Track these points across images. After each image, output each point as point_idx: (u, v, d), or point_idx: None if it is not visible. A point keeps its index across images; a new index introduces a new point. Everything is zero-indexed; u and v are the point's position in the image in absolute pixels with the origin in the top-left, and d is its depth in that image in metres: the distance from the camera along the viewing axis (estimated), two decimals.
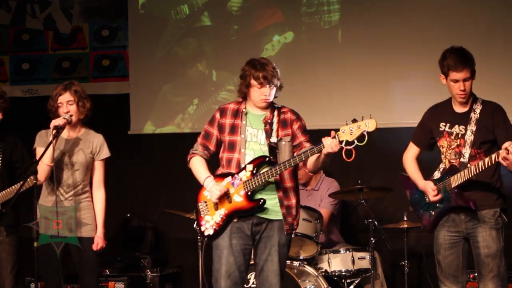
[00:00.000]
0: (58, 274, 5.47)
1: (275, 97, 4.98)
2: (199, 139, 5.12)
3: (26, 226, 5.44)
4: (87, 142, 5.56)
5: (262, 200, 4.86)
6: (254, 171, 4.85)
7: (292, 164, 4.79)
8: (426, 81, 7.02)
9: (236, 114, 5.01)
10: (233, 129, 4.99)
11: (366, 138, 4.55)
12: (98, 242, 5.51)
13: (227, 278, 4.86)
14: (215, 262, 4.93)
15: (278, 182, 4.89)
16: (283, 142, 4.89)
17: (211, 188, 4.94)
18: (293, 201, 4.94)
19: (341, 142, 4.60)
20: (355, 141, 4.57)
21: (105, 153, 5.61)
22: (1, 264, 5.99)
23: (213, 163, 5.12)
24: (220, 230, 4.95)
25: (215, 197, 4.91)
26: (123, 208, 7.79)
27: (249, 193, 4.87)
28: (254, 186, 4.85)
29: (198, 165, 5.09)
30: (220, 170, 5.02)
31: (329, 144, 4.63)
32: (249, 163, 4.89)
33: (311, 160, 4.84)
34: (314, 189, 7.01)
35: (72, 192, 5.51)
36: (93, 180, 5.60)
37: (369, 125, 4.56)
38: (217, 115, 5.05)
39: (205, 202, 5.02)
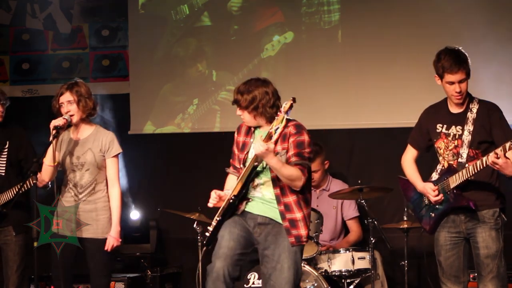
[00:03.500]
0: (66, 273, 5.47)
1: (269, 115, 4.88)
2: (230, 159, 5.16)
3: (28, 226, 5.44)
4: (96, 141, 5.54)
5: (232, 199, 4.87)
6: None
7: (248, 170, 4.81)
8: (426, 81, 7.00)
9: (248, 131, 5.04)
10: (243, 147, 5.02)
11: (285, 118, 4.65)
12: (110, 242, 5.49)
13: (224, 259, 4.81)
14: (215, 248, 4.92)
15: (278, 197, 4.87)
16: (279, 156, 4.83)
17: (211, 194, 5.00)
18: (298, 214, 4.85)
19: (273, 128, 4.67)
20: (280, 125, 4.65)
21: (116, 149, 5.58)
22: (7, 264, 6.00)
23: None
24: (212, 235, 4.93)
25: (210, 203, 4.95)
26: (124, 208, 7.78)
27: (233, 196, 4.90)
28: (233, 189, 4.90)
29: (226, 183, 5.15)
30: None
31: (254, 148, 4.70)
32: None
33: None
34: (325, 189, 7.05)
35: (85, 192, 5.51)
36: (107, 178, 5.58)
37: (285, 106, 4.66)
38: (235, 134, 5.11)
39: None
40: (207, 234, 4.96)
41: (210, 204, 4.96)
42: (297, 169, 4.77)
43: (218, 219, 4.91)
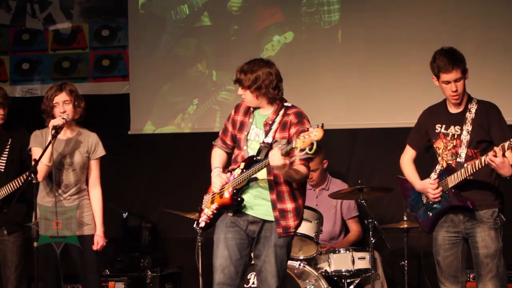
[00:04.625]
0: (57, 274, 5.49)
1: (271, 96, 4.91)
2: (220, 132, 5.17)
3: (27, 226, 5.45)
4: (82, 142, 5.59)
5: (239, 199, 4.87)
6: (244, 170, 4.87)
7: (258, 170, 4.78)
8: (426, 81, 6.98)
9: (247, 111, 5.03)
10: (241, 126, 5.01)
11: (315, 146, 4.50)
12: (98, 241, 5.55)
13: (221, 272, 4.87)
14: (213, 257, 4.96)
15: (271, 185, 4.88)
16: (279, 145, 4.84)
17: (213, 179, 4.99)
18: (289, 205, 4.89)
19: (296, 149, 4.55)
20: (306, 149, 4.51)
21: (100, 151, 5.65)
22: (5, 264, 6.00)
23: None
24: (210, 223, 5.00)
25: (217, 188, 4.95)
26: (123, 208, 7.79)
27: (234, 190, 4.89)
28: (237, 184, 4.88)
29: (213, 157, 5.17)
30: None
31: (270, 158, 4.64)
32: (243, 161, 4.92)
33: None
34: (324, 188, 7.05)
35: (70, 191, 5.55)
36: (89, 179, 5.64)
37: (316, 134, 4.49)
38: (232, 111, 5.10)
39: (209, 195, 5.08)
40: (206, 220, 5.01)
41: (216, 190, 4.96)
42: (303, 167, 4.80)
43: (220, 209, 4.96)
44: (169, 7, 8.02)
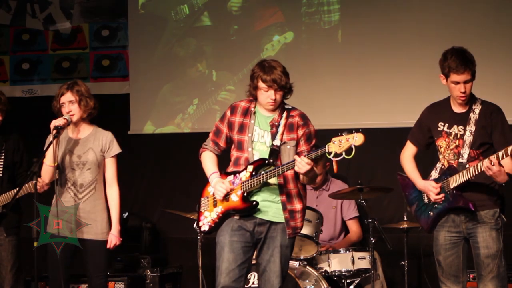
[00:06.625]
0: (66, 275, 5.49)
1: (285, 98, 4.98)
2: (210, 135, 5.13)
3: (28, 226, 5.44)
4: (96, 140, 5.57)
5: (254, 202, 4.87)
6: (253, 173, 4.86)
7: (277, 174, 4.80)
8: (427, 81, 7.02)
9: (246, 112, 5.01)
10: (242, 128, 4.98)
11: (354, 151, 4.56)
12: (112, 240, 5.53)
13: (226, 275, 4.86)
14: (216, 259, 4.95)
15: (281, 186, 4.90)
16: (288, 146, 4.88)
17: (215, 185, 4.94)
18: (298, 206, 4.93)
19: (329, 154, 4.60)
20: (343, 153, 4.57)
21: (115, 149, 5.61)
22: (1, 263, 6.00)
23: (224, 159, 5.14)
24: (215, 226, 4.98)
25: (220, 195, 4.91)
26: (123, 208, 7.77)
27: (245, 193, 4.88)
28: (250, 187, 4.86)
29: (207, 160, 5.10)
30: (228, 168, 5.04)
31: (298, 163, 4.68)
32: (250, 164, 4.90)
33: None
34: (325, 189, 7.04)
35: (86, 191, 5.52)
36: (105, 178, 5.60)
37: (357, 139, 4.56)
38: (228, 113, 5.05)
39: (207, 198, 5.05)
40: (211, 224, 4.98)
41: (219, 198, 4.93)
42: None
43: (226, 212, 4.95)
44: (169, 7, 8.03)
